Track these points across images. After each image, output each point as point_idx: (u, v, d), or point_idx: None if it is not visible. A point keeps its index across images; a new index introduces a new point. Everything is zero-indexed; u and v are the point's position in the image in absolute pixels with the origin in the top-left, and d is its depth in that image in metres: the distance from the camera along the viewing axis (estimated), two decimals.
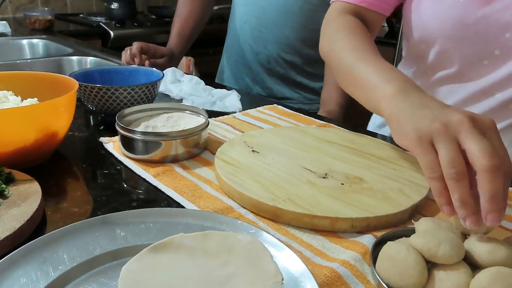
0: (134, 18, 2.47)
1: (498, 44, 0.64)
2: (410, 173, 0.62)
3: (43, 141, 0.62)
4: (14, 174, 0.55)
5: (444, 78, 0.74)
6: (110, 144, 0.72)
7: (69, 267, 0.41)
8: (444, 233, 0.41)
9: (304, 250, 0.48)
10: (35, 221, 0.49)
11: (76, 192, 0.59)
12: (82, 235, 0.45)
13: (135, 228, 0.47)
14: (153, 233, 0.46)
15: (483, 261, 0.40)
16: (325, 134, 0.76)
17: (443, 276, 0.39)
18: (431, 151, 0.44)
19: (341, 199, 0.54)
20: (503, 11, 0.62)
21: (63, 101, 0.63)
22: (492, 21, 0.63)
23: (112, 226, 0.47)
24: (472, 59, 0.68)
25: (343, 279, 0.43)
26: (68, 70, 1.36)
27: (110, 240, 0.45)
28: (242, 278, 0.37)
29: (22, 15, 2.24)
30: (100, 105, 0.80)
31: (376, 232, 0.51)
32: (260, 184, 0.57)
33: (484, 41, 0.65)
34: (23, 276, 0.39)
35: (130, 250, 0.44)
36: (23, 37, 1.74)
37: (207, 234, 0.41)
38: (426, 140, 0.45)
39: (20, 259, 0.41)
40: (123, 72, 0.93)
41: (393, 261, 0.41)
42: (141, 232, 0.46)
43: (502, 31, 0.63)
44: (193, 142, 0.67)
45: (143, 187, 0.61)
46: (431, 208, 0.57)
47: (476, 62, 0.68)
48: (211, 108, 0.93)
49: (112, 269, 0.42)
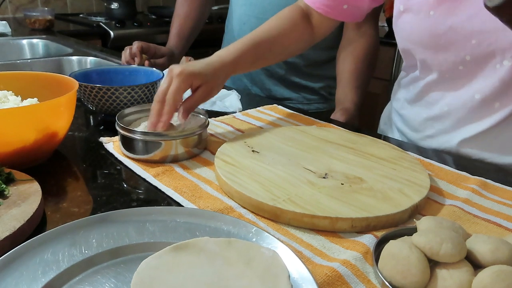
0: (134, 18, 2.47)
1: (468, 50, 0.70)
2: (410, 173, 0.62)
3: (43, 141, 0.62)
4: (14, 174, 0.55)
5: (431, 83, 0.79)
6: (110, 144, 0.72)
7: (68, 265, 0.41)
8: (446, 232, 0.41)
9: (304, 250, 0.47)
10: (35, 221, 0.49)
11: (76, 192, 0.59)
12: (81, 233, 0.45)
13: (135, 226, 0.47)
14: (154, 231, 0.47)
15: (486, 260, 0.40)
16: (325, 134, 0.76)
17: (445, 274, 0.39)
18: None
19: (341, 199, 0.54)
20: (467, 21, 0.67)
21: (63, 101, 0.63)
22: (460, 30, 0.68)
23: (113, 224, 0.47)
24: (449, 65, 0.73)
25: (343, 278, 0.43)
26: (68, 70, 1.36)
27: (110, 238, 0.45)
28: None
29: (22, 15, 2.24)
30: (100, 105, 0.80)
31: (376, 232, 0.51)
32: (260, 184, 0.57)
33: (456, 49, 0.71)
34: (22, 274, 0.39)
35: (130, 249, 0.44)
36: (23, 37, 1.74)
37: (232, 241, 0.41)
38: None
39: (17, 258, 0.41)
40: (123, 72, 0.93)
41: (395, 259, 0.41)
42: (142, 231, 0.46)
43: (469, 38, 0.68)
44: (193, 142, 0.67)
45: (143, 187, 0.61)
46: (431, 208, 0.57)
47: (452, 68, 0.73)
48: (211, 108, 0.93)
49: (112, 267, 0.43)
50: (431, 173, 0.67)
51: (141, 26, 2.33)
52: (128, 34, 2.28)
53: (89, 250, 0.43)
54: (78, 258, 0.42)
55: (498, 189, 0.63)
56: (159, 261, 0.39)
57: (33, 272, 0.40)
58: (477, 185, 0.63)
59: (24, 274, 0.39)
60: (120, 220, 0.48)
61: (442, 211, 0.57)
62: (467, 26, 0.67)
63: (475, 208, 0.57)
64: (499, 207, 0.58)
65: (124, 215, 0.48)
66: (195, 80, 0.68)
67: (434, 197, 0.60)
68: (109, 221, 0.47)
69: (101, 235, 0.45)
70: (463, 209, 0.57)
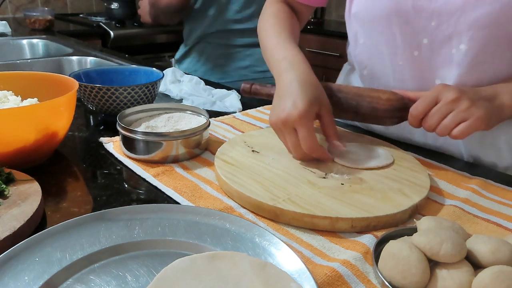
0: (134, 18, 2.47)
1: (426, 33, 0.69)
2: (410, 173, 0.62)
3: (43, 141, 0.62)
4: (14, 174, 0.55)
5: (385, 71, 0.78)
6: (110, 144, 0.72)
7: (68, 262, 0.42)
8: (446, 232, 0.41)
9: (304, 250, 0.48)
10: (35, 221, 0.49)
11: (76, 192, 0.59)
12: (79, 231, 0.45)
13: (134, 224, 0.47)
14: (155, 230, 0.47)
15: (486, 260, 0.40)
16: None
17: (445, 274, 0.39)
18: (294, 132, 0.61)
19: (341, 199, 0.54)
20: (429, 0, 0.67)
21: (63, 101, 0.63)
22: (421, 10, 0.68)
23: (111, 221, 0.47)
24: (405, 48, 0.72)
25: (343, 278, 0.43)
26: (68, 70, 1.36)
27: (109, 235, 0.45)
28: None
29: (22, 15, 2.24)
30: (100, 105, 0.80)
31: (376, 232, 0.51)
32: (260, 184, 0.57)
33: (414, 31, 0.70)
34: (21, 273, 0.39)
35: (129, 246, 0.45)
36: (23, 37, 1.74)
37: (267, 266, 0.40)
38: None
39: (16, 256, 0.41)
40: (123, 72, 0.93)
41: (395, 259, 0.41)
42: (144, 229, 0.47)
43: (429, 19, 0.68)
44: (194, 142, 0.67)
45: (143, 187, 0.61)
46: (431, 208, 0.57)
47: (407, 54, 0.73)
48: (211, 108, 0.93)
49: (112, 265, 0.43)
50: (431, 173, 0.67)
51: (141, 26, 2.33)
52: (128, 34, 2.28)
53: (88, 248, 0.43)
54: (77, 256, 0.42)
55: (498, 189, 0.63)
56: (190, 263, 0.39)
57: (32, 270, 0.40)
58: (477, 185, 0.63)
59: (23, 272, 0.39)
60: (118, 218, 0.48)
61: (442, 211, 0.57)
62: (430, 5, 0.67)
63: (475, 208, 0.57)
64: (499, 207, 0.58)
65: (122, 213, 0.48)
66: (313, 111, 0.61)
67: (434, 197, 0.60)
68: (107, 219, 0.47)
69: (99, 233, 0.45)
70: (463, 209, 0.57)
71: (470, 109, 0.60)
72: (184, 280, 0.38)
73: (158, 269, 0.40)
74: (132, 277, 0.41)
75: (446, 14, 0.66)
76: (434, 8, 0.67)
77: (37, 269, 0.40)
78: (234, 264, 0.40)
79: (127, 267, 0.43)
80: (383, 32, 0.74)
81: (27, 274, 0.39)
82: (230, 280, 0.38)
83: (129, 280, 0.41)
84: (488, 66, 0.68)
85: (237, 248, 0.45)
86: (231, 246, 0.45)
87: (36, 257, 0.41)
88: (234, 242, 0.46)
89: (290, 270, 0.41)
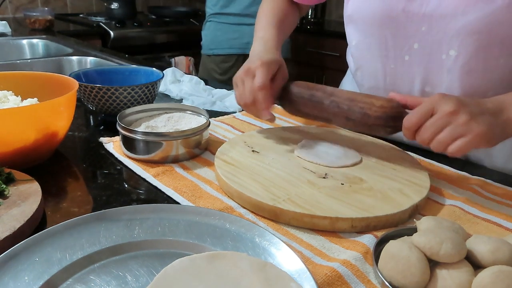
0: (134, 18, 2.47)
1: (417, 38, 0.69)
2: (410, 173, 0.62)
3: (43, 141, 0.62)
4: (14, 174, 0.55)
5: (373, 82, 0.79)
6: (110, 144, 0.72)
7: (68, 262, 0.42)
8: (446, 232, 0.41)
9: (304, 250, 0.48)
10: (35, 221, 0.49)
11: (76, 192, 0.59)
12: (79, 231, 0.45)
13: (134, 224, 0.47)
14: (155, 230, 0.47)
15: (485, 260, 0.40)
16: (325, 134, 0.76)
17: (445, 274, 0.39)
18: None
19: (341, 199, 0.54)
20: (420, 5, 0.67)
21: (63, 101, 0.63)
22: (412, 14, 0.68)
23: (111, 221, 0.47)
24: (396, 52, 0.73)
25: (343, 278, 0.43)
26: (68, 70, 1.36)
27: (109, 235, 0.45)
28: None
29: (22, 15, 2.24)
30: (100, 105, 0.80)
31: (376, 232, 0.51)
32: (260, 184, 0.57)
33: (405, 35, 0.70)
34: (21, 273, 0.39)
35: (129, 246, 0.45)
36: (23, 37, 1.74)
37: (267, 266, 0.41)
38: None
39: (17, 255, 0.41)
40: (123, 72, 0.93)
41: (395, 259, 0.41)
42: (144, 229, 0.47)
43: (419, 24, 0.68)
44: (194, 142, 0.67)
45: (143, 187, 0.61)
46: (431, 208, 0.57)
47: (399, 58, 0.73)
48: (211, 108, 0.93)
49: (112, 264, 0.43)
50: (431, 173, 0.67)
51: (141, 26, 2.33)
52: (128, 34, 2.28)
53: (88, 248, 0.44)
54: (77, 256, 0.42)
55: (498, 189, 0.63)
56: (190, 263, 0.39)
57: (32, 270, 0.40)
58: (477, 185, 0.63)
59: (23, 272, 0.39)
60: (118, 218, 0.48)
61: (442, 211, 0.57)
62: (420, 10, 0.67)
63: (475, 208, 0.57)
64: (499, 207, 0.58)
65: (122, 213, 0.48)
66: (273, 66, 0.69)
67: (434, 197, 0.60)
68: (107, 219, 0.47)
69: (99, 233, 0.45)
70: (463, 209, 0.57)
71: (469, 123, 0.53)
72: (184, 280, 0.38)
73: (158, 269, 0.40)
74: (132, 277, 0.41)
75: (436, 19, 0.66)
76: (425, 12, 0.67)
77: (37, 269, 0.40)
78: (234, 264, 0.40)
79: (127, 267, 0.43)
80: (375, 34, 0.74)
81: (27, 274, 0.39)
82: (230, 280, 0.38)
83: (129, 280, 0.41)
84: (481, 73, 0.67)
85: (237, 248, 0.45)
86: (231, 246, 0.45)
87: (36, 257, 0.41)
88: (234, 242, 0.46)
89: (290, 270, 0.41)
